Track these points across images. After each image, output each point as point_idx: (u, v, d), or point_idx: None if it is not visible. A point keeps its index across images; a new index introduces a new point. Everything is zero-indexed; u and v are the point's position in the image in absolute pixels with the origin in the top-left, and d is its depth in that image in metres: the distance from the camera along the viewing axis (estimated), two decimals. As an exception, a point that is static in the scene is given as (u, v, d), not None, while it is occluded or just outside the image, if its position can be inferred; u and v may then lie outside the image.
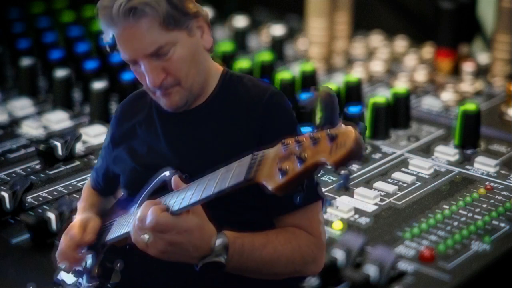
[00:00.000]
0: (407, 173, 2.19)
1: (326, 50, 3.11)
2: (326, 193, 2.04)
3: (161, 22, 1.46)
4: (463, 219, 1.94)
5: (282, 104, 1.56)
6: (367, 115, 2.42)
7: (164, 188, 1.52)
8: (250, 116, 1.54)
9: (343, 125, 1.28)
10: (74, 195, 2.09)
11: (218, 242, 1.46)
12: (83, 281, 1.66)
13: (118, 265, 1.63)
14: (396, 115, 2.50)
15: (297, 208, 1.53)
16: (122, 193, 1.75)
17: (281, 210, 1.55)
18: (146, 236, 1.43)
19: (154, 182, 1.55)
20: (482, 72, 2.99)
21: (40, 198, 2.07)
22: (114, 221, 1.66)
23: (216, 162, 1.46)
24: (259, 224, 1.56)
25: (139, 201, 1.57)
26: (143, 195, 1.57)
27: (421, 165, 2.21)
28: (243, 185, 1.34)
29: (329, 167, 1.26)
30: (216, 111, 1.57)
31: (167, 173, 1.53)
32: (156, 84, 1.50)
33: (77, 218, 1.69)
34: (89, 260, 1.66)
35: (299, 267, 1.54)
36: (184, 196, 1.43)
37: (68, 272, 1.66)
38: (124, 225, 1.58)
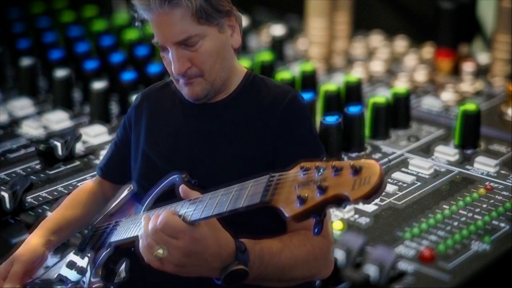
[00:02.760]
0: (407, 173, 2.19)
1: (326, 50, 3.11)
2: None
3: (194, 14, 1.51)
4: (463, 219, 1.94)
5: (302, 107, 1.59)
6: (367, 115, 2.42)
7: (172, 192, 1.52)
8: (270, 115, 1.57)
9: (366, 160, 1.25)
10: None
11: (239, 248, 1.43)
12: (86, 280, 1.67)
13: (123, 266, 1.63)
14: (396, 115, 2.50)
15: None
16: (127, 193, 1.76)
17: None
18: (161, 251, 1.38)
19: (163, 184, 1.56)
20: (482, 72, 2.99)
21: (40, 198, 2.07)
22: (120, 221, 1.66)
23: (231, 158, 1.46)
24: (271, 228, 1.57)
25: (146, 203, 1.58)
26: (151, 197, 1.58)
27: (421, 165, 2.21)
28: (258, 206, 1.31)
29: (349, 201, 1.22)
30: (237, 107, 1.60)
31: (176, 176, 1.54)
32: (180, 72, 1.54)
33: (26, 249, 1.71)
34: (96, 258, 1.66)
35: (314, 270, 1.54)
36: (195, 209, 1.40)
37: None
38: (131, 228, 1.58)
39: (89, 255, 1.68)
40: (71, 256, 1.72)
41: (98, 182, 1.82)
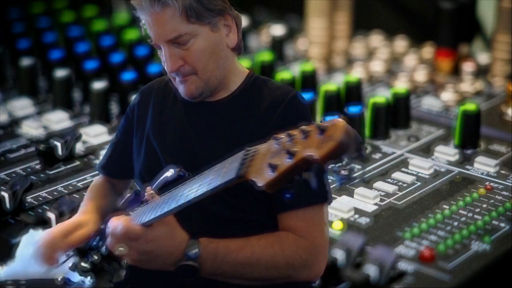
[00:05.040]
0: (407, 173, 2.19)
1: (326, 50, 3.11)
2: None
3: (183, 13, 1.54)
4: (463, 219, 1.94)
5: (302, 108, 1.60)
6: (367, 115, 2.42)
7: (168, 186, 1.55)
8: (270, 115, 1.58)
9: (335, 118, 1.27)
10: (74, 195, 2.09)
11: (190, 246, 1.50)
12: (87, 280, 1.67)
13: (125, 262, 1.63)
14: (396, 115, 2.50)
15: (293, 208, 1.53)
16: (129, 195, 1.76)
17: (279, 208, 1.56)
18: (121, 248, 1.51)
19: (158, 181, 1.57)
20: (482, 72, 2.99)
21: (40, 198, 2.07)
22: None
23: (230, 155, 1.47)
24: (267, 222, 1.58)
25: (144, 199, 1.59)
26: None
27: (421, 165, 2.21)
28: (234, 182, 1.34)
29: (318, 161, 1.22)
30: (238, 107, 1.61)
31: (169, 173, 1.55)
32: (172, 70, 1.57)
33: (72, 219, 1.71)
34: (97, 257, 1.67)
35: (284, 271, 1.54)
36: (183, 192, 1.45)
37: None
38: None
39: (95, 256, 1.69)
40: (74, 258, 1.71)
41: (105, 178, 1.83)
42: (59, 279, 1.69)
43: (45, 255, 1.65)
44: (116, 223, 1.51)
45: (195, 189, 1.42)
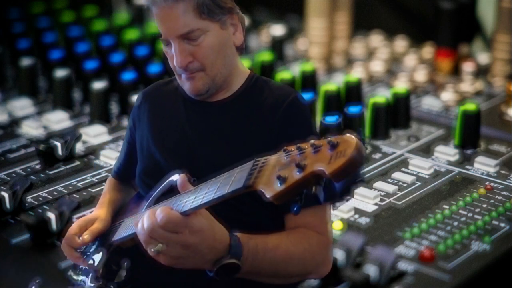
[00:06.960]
0: (407, 173, 2.19)
1: (326, 50, 3.11)
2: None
3: (196, 9, 1.54)
4: (463, 219, 1.94)
5: (303, 108, 1.60)
6: (367, 115, 2.42)
7: (172, 191, 1.53)
8: (271, 116, 1.58)
9: (345, 133, 1.27)
10: (74, 195, 2.09)
11: (233, 241, 1.45)
12: (87, 280, 1.67)
13: (125, 264, 1.63)
14: (396, 115, 2.50)
15: (307, 206, 1.53)
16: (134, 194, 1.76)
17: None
18: (160, 245, 1.42)
19: (163, 185, 1.57)
20: (482, 72, 2.99)
21: (40, 198, 2.07)
22: (122, 222, 1.66)
23: (232, 156, 1.48)
24: (269, 225, 1.58)
25: (147, 203, 1.58)
26: (152, 197, 1.58)
27: (421, 165, 2.21)
28: (242, 191, 1.34)
29: (327, 176, 1.22)
30: (239, 107, 1.61)
31: (175, 177, 1.55)
32: (182, 65, 1.56)
33: (88, 215, 1.71)
34: (96, 259, 1.66)
35: (310, 267, 1.55)
36: (188, 199, 1.44)
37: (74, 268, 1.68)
38: (131, 226, 1.58)
39: (94, 256, 1.69)
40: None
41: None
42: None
43: (66, 254, 1.66)
44: (152, 215, 1.42)
45: (201, 196, 1.41)
